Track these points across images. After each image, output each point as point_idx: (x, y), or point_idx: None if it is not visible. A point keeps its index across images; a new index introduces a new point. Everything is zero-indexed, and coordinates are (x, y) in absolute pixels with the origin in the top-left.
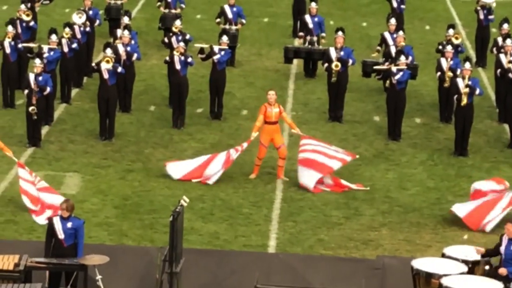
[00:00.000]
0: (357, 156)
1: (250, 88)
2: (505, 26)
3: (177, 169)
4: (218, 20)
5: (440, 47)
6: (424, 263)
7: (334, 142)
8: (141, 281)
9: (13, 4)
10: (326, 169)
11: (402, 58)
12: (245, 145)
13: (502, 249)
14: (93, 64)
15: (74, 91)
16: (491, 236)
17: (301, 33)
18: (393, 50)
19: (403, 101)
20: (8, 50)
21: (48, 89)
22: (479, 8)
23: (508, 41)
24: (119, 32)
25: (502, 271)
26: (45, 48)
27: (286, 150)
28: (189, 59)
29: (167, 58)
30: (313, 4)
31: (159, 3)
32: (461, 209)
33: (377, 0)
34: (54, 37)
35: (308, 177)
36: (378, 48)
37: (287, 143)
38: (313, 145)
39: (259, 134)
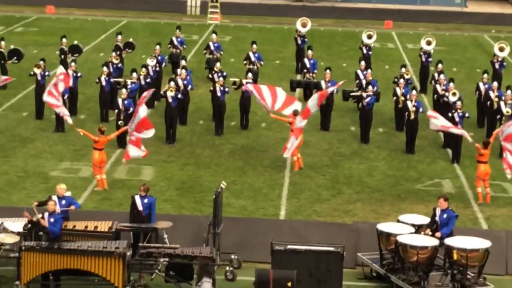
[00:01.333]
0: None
1: None
2: (440, 66)
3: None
4: (245, 62)
5: (396, 80)
6: (385, 226)
7: (324, 145)
8: (194, 239)
9: (107, 52)
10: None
11: (370, 87)
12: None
13: (437, 218)
14: (161, 93)
15: (148, 111)
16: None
17: (305, 70)
18: (363, 82)
19: (371, 117)
20: (104, 83)
21: (131, 109)
22: (421, 53)
23: (441, 76)
24: (178, 70)
25: (438, 234)
26: (129, 82)
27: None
28: (226, 89)
29: (211, 88)
30: (310, 51)
31: (205, 51)
32: None
33: (353, 49)
34: (134, 74)
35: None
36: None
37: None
38: None
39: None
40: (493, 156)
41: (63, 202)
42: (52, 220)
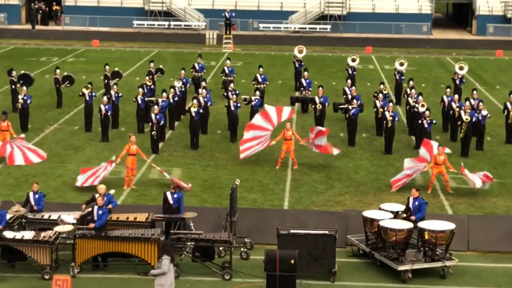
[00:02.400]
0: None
1: None
2: (411, 82)
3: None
4: (253, 82)
5: (375, 94)
6: (369, 213)
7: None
8: (214, 226)
9: (142, 76)
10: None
11: (355, 101)
12: (271, 143)
13: (410, 205)
14: (186, 108)
15: (176, 123)
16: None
17: (302, 88)
18: (349, 97)
19: (356, 125)
20: (139, 102)
21: (162, 122)
22: (396, 72)
23: (412, 90)
24: (200, 90)
25: (412, 217)
26: (160, 100)
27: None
28: (238, 104)
29: (226, 104)
30: (306, 73)
31: (221, 74)
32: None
33: (340, 70)
34: (164, 94)
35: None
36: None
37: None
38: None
39: (282, 145)
40: (456, 154)
41: (104, 199)
42: (100, 212)
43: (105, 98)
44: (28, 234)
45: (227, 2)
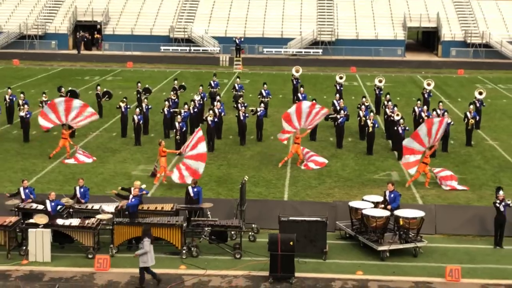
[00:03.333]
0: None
1: (275, 127)
2: (388, 96)
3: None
4: (259, 96)
5: (359, 106)
6: (354, 204)
7: (312, 150)
8: (227, 214)
9: (167, 91)
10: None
11: (342, 111)
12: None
13: (387, 197)
14: (204, 118)
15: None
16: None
17: (298, 102)
18: (338, 108)
19: (343, 131)
20: (166, 112)
21: (184, 129)
22: (375, 88)
23: (389, 103)
24: (215, 103)
25: (389, 207)
26: (182, 111)
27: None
28: (247, 115)
29: (237, 114)
30: (302, 89)
31: (232, 90)
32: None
33: (330, 86)
34: (186, 106)
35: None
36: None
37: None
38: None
39: (291, 148)
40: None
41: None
42: (133, 200)
43: (137, 109)
44: (75, 221)
45: (237, 30)
